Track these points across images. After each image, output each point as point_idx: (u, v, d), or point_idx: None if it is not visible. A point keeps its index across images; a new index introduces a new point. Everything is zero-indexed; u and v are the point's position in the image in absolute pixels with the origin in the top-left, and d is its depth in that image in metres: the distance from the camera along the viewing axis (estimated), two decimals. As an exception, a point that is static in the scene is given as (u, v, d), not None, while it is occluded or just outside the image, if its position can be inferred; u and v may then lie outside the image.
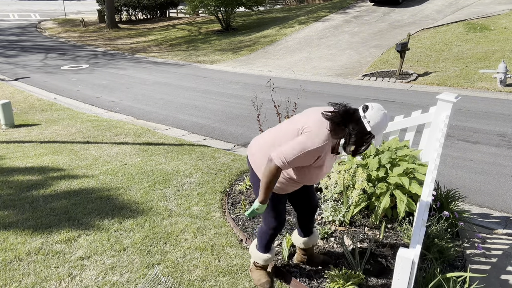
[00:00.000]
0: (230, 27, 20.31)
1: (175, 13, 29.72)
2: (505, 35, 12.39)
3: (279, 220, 2.61)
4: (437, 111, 3.49)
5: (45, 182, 4.57)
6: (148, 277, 2.93)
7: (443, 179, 4.82)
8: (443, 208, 3.54)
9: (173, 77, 11.93)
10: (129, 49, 17.96)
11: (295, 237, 2.94)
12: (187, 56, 15.75)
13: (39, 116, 7.96)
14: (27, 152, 5.62)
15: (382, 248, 3.20)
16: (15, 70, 13.15)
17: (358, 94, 9.19)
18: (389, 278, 2.85)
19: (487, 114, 7.31)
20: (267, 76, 11.74)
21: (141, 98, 9.49)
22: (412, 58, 11.91)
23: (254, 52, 15.27)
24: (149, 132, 6.75)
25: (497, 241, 3.52)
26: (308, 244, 2.89)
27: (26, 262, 3.09)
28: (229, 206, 3.98)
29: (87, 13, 31.85)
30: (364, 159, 3.69)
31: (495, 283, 2.93)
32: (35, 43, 19.41)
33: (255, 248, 2.81)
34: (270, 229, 2.64)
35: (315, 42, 15.35)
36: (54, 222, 3.67)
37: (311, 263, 2.99)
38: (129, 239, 3.40)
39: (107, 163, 5.20)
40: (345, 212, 3.51)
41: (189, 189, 4.43)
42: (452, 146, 5.87)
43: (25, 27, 24.96)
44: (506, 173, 4.99)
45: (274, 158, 2.24)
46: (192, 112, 8.22)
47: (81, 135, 6.51)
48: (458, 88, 9.33)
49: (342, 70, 11.76)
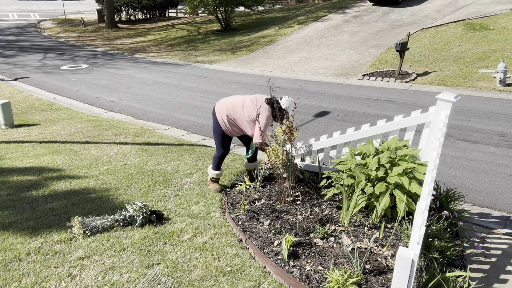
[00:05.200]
0: (229, 27, 20.30)
1: (174, 13, 29.72)
2: (505, 35, 12.40)
3: (225, 149, 4.22)
4: (436, 111, 3.49)
5: (45, 182, 4.57)
6: (147, 277, 2.92)
7: (442, 178, 4.83)
8: (442, 208, 3.54)
9: (173, 77, 11.93)
10: (128, 49, 17.95)
11: (245, 163, 4.52)
12: (187, 56, 15.74)
13: (39, 116, 7.95)
14: (26, 152, 5.61)
15: (382, 248, 3.20)
16: (13, 70, 13.14)
17: (358, 94, 9.19)
18: (389, 278, 2.85)
19: (486, 114, 7.32)
20: (267, 76, 11.74)
21: (141, 98, 9.48)
22: (412, 58, 11.91)
23: (253, 52, 15.27)
24: (149, 132, 6.75)
25: (497, 240, 3.52)
26: (250, 167, 4.48)
27: (26, 262, 3.09)
28: (229, 206, 3.98)
29: (86, 13, 31.83)
30: (364, 159, 3.69)
31: (495, 282, 2.93)
32: (33, 43, 19.40)
33: (210, 169, 4.36)
34: (219, 154, 4.24)
35: (314, 42, 15.35)
36: (54, 222, 3.67)
37: (251, 177, 4.53)
38: (128, 239, 3.40)
39: (107, 163, 5.20)
40: (345, 212, 3.51)
41: (189, 189, 4.43)
42: (452, 146, 5.87)
43: (24, 27, 24.94)
44: (506, 172, 5.00)
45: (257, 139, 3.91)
46: (192, 112, 8.21)
47: (81, 135, 6.50)
48: (457, 87, 9.33)
49: (341, 70, 11.76)
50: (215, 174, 4.34)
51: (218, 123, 4.05)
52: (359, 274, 2.77)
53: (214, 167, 4.31)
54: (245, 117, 3.94)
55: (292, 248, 3.19)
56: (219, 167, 4.33)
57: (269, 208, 3.85)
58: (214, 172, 4.32)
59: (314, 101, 8.64)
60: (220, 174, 4.36)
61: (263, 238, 3.36)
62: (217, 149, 4.25)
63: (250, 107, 3.91)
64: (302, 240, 3.31)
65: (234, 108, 3.97)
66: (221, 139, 4.15)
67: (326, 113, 7.78)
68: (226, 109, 3.99)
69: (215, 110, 4.07)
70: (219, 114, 4.02)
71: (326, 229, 3.40)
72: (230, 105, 4.00)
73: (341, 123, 7.08)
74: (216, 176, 4.35)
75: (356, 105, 8.24)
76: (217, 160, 4.26)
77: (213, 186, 4.39)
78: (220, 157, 4.26)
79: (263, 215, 3.73)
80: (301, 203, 3.94)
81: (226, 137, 4.15)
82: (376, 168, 3.47)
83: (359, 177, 3.51)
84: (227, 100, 4.06)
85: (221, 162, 4.30)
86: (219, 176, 4.37)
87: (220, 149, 4.22)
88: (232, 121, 4.01)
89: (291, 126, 3.84)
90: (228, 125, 4.03)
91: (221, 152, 4.23)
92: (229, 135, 4.15)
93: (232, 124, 4.03)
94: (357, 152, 3.84)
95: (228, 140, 4.19)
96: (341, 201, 3.91)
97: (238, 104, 3.97)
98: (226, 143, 4.19)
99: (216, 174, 4.34)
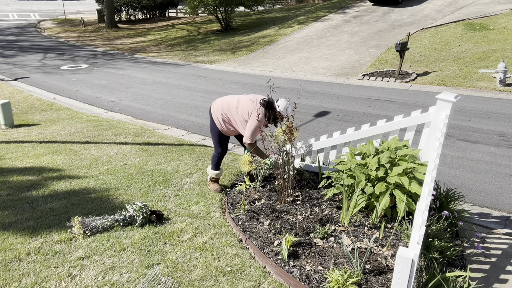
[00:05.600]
0: (229, 27, 20.30)
1: (174, 13, 29.72)
2: (505, 35, 12.40)
3: (222, 149, 4.25)
4: (436, 111, 3.49)
5: (45, 182, 4.57)
6: (147, 277, 2.92)
7: (442, 178, 4.83)
8: (442, 208, 3.54)
9: (173, 77, 11.93)
10: (128, 49, 17.94)
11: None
12: (187, 56, 15.74)
13: (39, 116, 7.95)
14: (26, 152, 5.61)
15: (382, 248, 3.20)
16: (13, 70, 13.14)
17: (358, 94, 9.19)
18: (389, 278, 2.85)
19: (486, 114, 7.32)
20: (267, 76, 11.74)
21: (141, 98, 9.48)
22: (412, 58, 11.91)
23: (253, 52, 15.27)
24: (149, 132, 6.75)
25: (497, 240, 3.52)
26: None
27: (26, 262, 3.08)
28: (229, 206, 3.98)
29: (86, 13, 31.84)
30: (364, 159, 3.69)
31: (495, 282, 2.93)
32: (33, 43, 19.40)
33: (210, 169, 4.39)
34: (218, 154, 4.26)
35: (314, 42, 15.35)
36: (54, 222, 3.67)
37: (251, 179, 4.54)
38: (128, 239, 3.40)
39: (107, 163, 5.20)
40: (345, 212, 3.51)
41: (189, 189, 4.43)
42: (452, 146, 5.87)
43: (24, 27, 24.95)
44: (506, 172, 5.00)
45: (247, 140, 3.98)
46: (192, 112, 8.21)
47: (81, 135, 6.50)
48: (457, 87, 9.34)
49: (341, 70, 11.76)
50: (215, 174, 4.37)
51: (214, 122, 4.08)
52: (359, 274, 2.77)
53: (213, 167, 4.35)
54: (239, 116, 3.96)
55: (292, 248, 3.18)
56: (218, 167, 4.37)
57: (269, 208, 3.85)
58: (213, 172, 4.36)
59: (314, 101, 8.64)
60: (219, 174, 4.39)
61: (263, 238, 3.36)
62: (215, 149, 4.29)
63: (244, 107, 3.93)
64: (302, 240, 3.31)
65: (229, 108, 3.99)
66: (218, 139, 4.18)
67: (326, 113, 7.78)
68: (221, 108, 4.02)
69: (211, 110, 4.11)
70: (215, 113, 4.05)
71: (326, 229, 3.40)
72: (225, 104, 4.02)
73: (341, 123, 7.08)
74: (215, 176, 4.39)
75: (356, 105, 8.24)
76: (215, 159, 4.30)
77: (213, 186, 4.42)
78: (219, 157, 4.29)
79: (263, 215, 3.73)
80: (301, 203, 3.94)
81: (223, 136, 4.19)
82: (376, 168, 3.47)
83: (359, 177, 3.51)
84: (223, 99, 4.08)
85: (220, 161, 4.33)
86: (219, 176, 4.41)
87: (218, 148, 4.25)
88: (227, 120, 4.04)
89: (291, 126, 3.84)
90: (224, 124, 4.06)
91: (219, 151, 4.26)
92: (225, 134, 4.18)
93: (227, 123, 4.06)
94: (357, 152, 3.84)
95: (225, 139, 4.23)
96: (341, 201, 3.91)
97: (233, 104, 3.99)
98: (223, 142, 4.23)
99: (215, 174, 4.37)
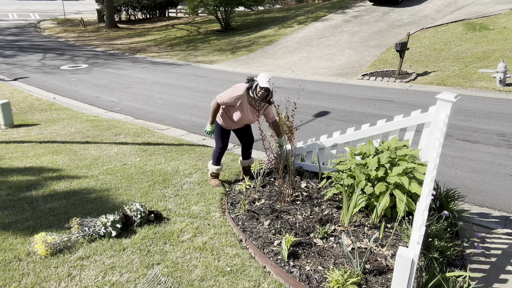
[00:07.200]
0: (229, 27, 20.30)
1: (174, 13, 29.71)
2: (505, 35, 12.40)
3: (223, 144, 4.33)
4: (436, 111, 3.49)
5: (45, 182, 4.57)
6: (147, 277, 2.92)
7: (442, 178, 4.82)
8: (442, 208, 3.54)
9: (173, 77, 11.92)
10: (128, 49, 17.94)
11: (240, 161, 4.63)
12: (186, 56, 15.74)
13: (39, 116, 7.95)
14: (26, 152, 5.61)
15: (382, 248, 3.20)
16: (13, 70, 13.13)
17: (358, 94, 9.19)
18: (389, 278, 2.85)
19: (486, 114, 7.32)
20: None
21: (141, 98, 9.48)
22: (412, 58, 11.91)
23: (253, 52, 15.27)
24: (149, 132, 6.75)
25: (497, 240, 3.52)
26: (245, 164, 4.62)
27: (26, 262, 3.08)
28: (229, 206, 3.98)
29: (86, 13, 31.82)
30: (364, 159, 3.69)
31: (495, 282, 2.93)
32: (33, 43, 19.39)
33: (210, 164, 4.47)
34: (218, 149, 4.35)
35: (314, 42, 15.35)
36: (54, 222, 3.67)
37: (246, 173, 4.64)
38: (128, 239, 3.40)
39: (107, 163, 5.20)
40: (345, 212, 3.50)
41: (189, 189, 4.43)
42: (452, 146, 5.87)
43: (24, 27, 24.94)
44: (506, 172, 4.99)
45: (216, 98, 4.05)
46: (192, 112, 8.21)
47: (81, 135, 6.50)
48: (457, 87, 9.33)
49: (341, 70, 11.76)
50: (215, 169, 4.44)
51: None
52: (359, 274, 2.77)
53: (214, 162, 4.43)
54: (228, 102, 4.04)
55: (292, 248, 3.18)
56: (219, 162, 4.44)
57: (269, 208, 3.85)
58: (214, 167, 4.43)
59: (314, 101, 8.64)
60: (220, 169, 4.47)
61: (263, 238, 3.36)
62: (216, 144, 4.36)
63: (230, 90, 4.06)
64: (302, 240, 3.31)
65: (222, 97, 4.08)
66: (219, 134, 4.28)
67: (326, 113, 7.78)
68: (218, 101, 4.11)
69: (211, 105, 4.19)
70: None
71: (326, 229, 3.40)
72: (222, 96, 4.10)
73: (341, 123, 7.08)
74: (216, 171, 4.46)
75: (356, 105, 8.24)
76: (216, 154, 4.37)
77: (214, 182, 4.48)
78: (220, 152, 4.36)
79: (263, 215, 3.73)
80: (301, 203, 3.94)
81: (224, 131, 4.29)
82: (376, 168, 3.47)
83: (359, 177, 3.51)
84: (221, 93, 4.16)
85: (220, 156, 4.40)
86: (219, 171, 4.48)
87: (219, 143, 4.33)
88: (223, 111, 4.15)
89: (291, 126, 3.83)
90: (222, 118, 4.19)
91: (219, 146, 4.33)
92: (226, 128, 4.28)
93: (224, 115, 4.16)
94: (357, 152, 3.84)
95: (226, 134, 4.32)
96: (341, 201, 3.91)
97: (226, 93, 4.08)
98: (224, 138, 4.31)
99: (216, 169, 4.44)
